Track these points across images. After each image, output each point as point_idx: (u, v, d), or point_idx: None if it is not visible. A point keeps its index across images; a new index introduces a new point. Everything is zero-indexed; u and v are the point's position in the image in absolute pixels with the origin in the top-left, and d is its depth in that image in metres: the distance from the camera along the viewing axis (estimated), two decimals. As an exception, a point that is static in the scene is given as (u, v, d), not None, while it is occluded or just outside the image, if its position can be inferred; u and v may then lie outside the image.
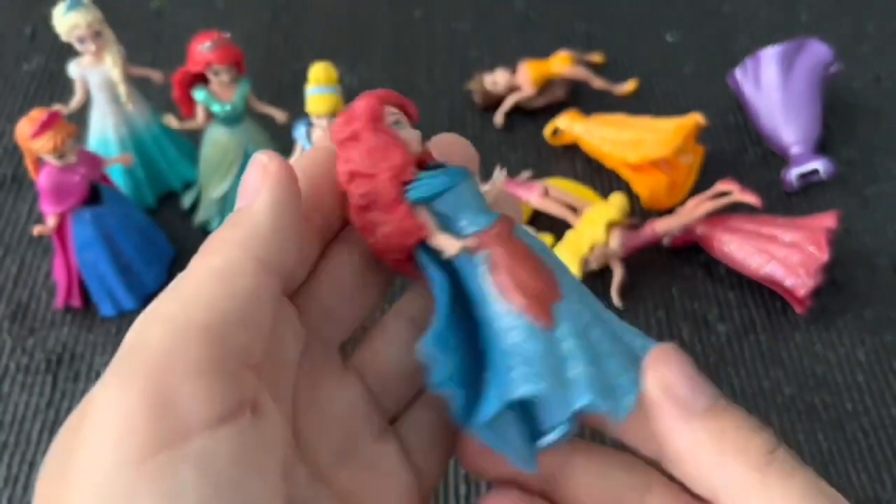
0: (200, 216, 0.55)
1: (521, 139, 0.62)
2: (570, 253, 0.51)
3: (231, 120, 0.51)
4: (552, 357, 0.20)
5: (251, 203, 0.20)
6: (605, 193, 0.58)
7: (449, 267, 0.22)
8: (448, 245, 0.22)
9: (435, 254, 0.22)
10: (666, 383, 0.20)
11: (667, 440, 0.20)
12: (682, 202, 0.55)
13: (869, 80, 0.67)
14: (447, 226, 0.22)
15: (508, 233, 0.22)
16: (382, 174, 0.22)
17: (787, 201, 0.58)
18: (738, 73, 0.62)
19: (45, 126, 0.43)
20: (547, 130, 0.61)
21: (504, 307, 0.21)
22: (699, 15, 0.72)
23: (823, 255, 0.49)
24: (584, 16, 0.72)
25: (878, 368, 0.50)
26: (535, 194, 0.54)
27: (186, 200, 0.56)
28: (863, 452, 0.47)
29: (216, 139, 0.51)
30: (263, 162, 0.20)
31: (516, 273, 0.21)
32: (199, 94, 0.49)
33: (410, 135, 0.23)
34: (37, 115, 0.44)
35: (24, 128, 0.44)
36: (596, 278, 0.53)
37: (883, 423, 0.48)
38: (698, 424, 0.19)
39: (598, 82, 0.63)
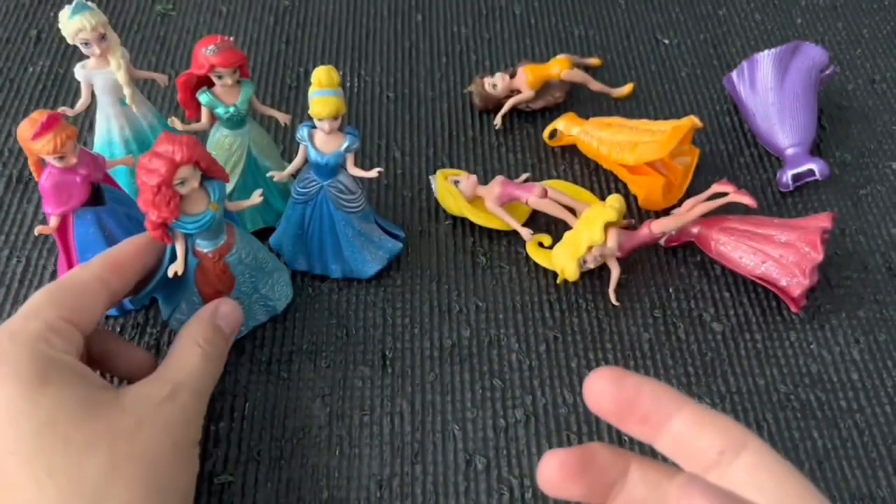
0: (204, 217, 0.56)
1: (521, 141, 0.63)
2: (569, 253, 0.52)
3: (234, 122, 0.51)
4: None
5: None
6: (602, 195, 0.59)
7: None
8: (177, 266, 0.45)
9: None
10: None
11: None
12: (679, 203, 0.56)
13: (863, 83, 0.68)
14: (194, 238, 0.45)
15: (219, 257, 0.46)
16: (149, 217, 0.42)
17: (781, 202, 0.59)
18: (734, 75, 0.62)
19: (45, 128, 0.44)
20: (545, 133, 0.62)
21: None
22: (695, 19, 0.73)
23: (818, 255, 0.50)
24: (582, 20, 0.73)
25: (873, 366, 0.51)
26: (533, 195, 0.54)
27: (190, 201, 0.57)
28: (857, 449, 0.47)
29: (220, 141, 0.52)
30: None
31: (202, 279, 0.47)
32: (203, 97, 0.50)
33: (185, 189, 0.42)
34: (38, 116, 0.44)
35: (25, 129, 0.44)
36: (594, 278, 0.54)
37: (877, 420, 0.49)
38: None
39: (595, 85, 0.64)
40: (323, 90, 0.46)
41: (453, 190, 0.55)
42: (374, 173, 0.48)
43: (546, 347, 0.51)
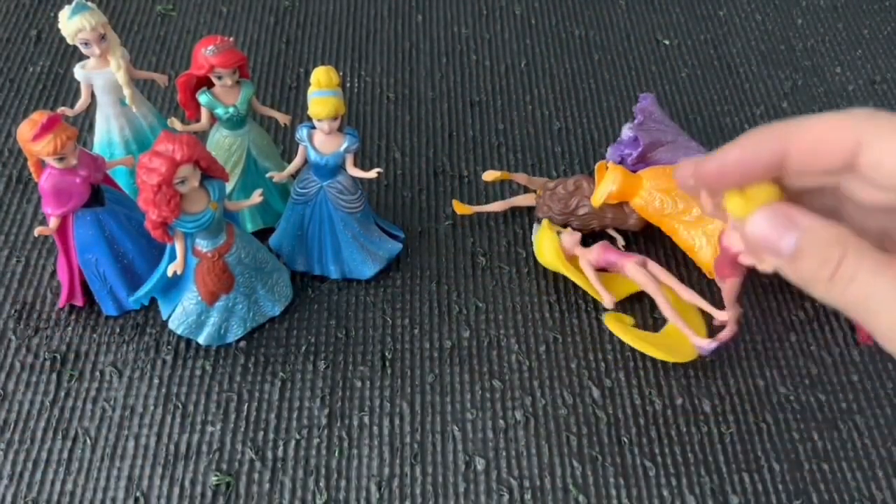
0: (203, 217, 0.56)
1: (520, 140, 0.63)
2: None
3: (234, 122, 0.51)
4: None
5: None
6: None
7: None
8: (176, 265, 0.46)
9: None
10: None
11: None
12: None
13: (863, 84, 0.68)
14: (193, 238, 0.46)
15: (218, 256, 0.47)
16: (149, 216, 0.43)
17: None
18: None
19: (45, 129, 0.43)
20: (595, 200, 0.54)
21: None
22: (695, 20, 0.73)
23: None
24: (582, 21, 0.73)
25: (873, 368, 0.51)
26: (632, 262, 0.52)
27: (189, 202, 0.57)
28: (857, 451, 0.47)
29: (219, 142, 0.52)
30: None
31: (201, 278, 0.47)
32: (202, 98, 0.50)
33: (185, 188, 0.42)
34: (37, 117, 0.44)
35: (25, 131, 0.44)
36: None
37: (878, 422, 0.48)
38: None
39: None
40: (322, 91, 0.46)
41: (555, 242, 0.53)
42: (373, 174, 0.48)
43: (546, 348, 0.51)
